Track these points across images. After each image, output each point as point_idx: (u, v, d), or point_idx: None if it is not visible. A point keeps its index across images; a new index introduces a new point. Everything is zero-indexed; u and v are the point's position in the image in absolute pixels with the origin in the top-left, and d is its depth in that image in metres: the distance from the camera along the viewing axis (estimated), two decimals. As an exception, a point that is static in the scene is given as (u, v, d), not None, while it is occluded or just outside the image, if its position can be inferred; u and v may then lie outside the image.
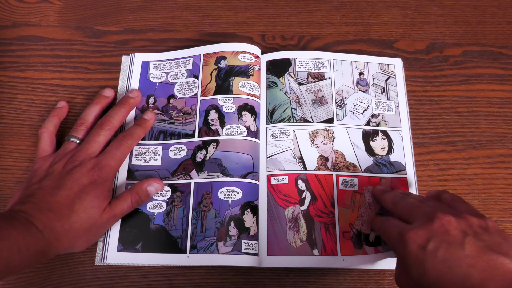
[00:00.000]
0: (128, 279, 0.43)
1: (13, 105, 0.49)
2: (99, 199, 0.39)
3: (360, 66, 0.51)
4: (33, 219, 0.36)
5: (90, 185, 0.39)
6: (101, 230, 0.41)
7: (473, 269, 0.31)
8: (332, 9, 0.55)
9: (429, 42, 0.54)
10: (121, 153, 0.42)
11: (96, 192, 0.39)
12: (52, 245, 0.36)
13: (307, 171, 0.45)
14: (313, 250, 0.43)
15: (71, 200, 0.38)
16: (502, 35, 0.55)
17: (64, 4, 0.54)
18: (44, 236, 0.35)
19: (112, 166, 0.41)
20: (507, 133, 0.50)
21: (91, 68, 0.51)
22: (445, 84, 0.52)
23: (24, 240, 0.34)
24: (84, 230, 0.38)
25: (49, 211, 0.37)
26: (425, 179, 0.48)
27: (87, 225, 0.38)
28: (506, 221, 0.47)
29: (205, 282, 0.43)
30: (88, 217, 0.38)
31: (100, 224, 0.39)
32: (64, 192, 0.38)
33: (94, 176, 0.39)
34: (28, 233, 0.35)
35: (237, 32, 0.54)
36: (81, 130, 0.44)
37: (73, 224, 0.37)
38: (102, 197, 0.39)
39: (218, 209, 0.43)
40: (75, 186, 0.38)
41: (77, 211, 0.38)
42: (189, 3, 0.55)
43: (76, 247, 0.39)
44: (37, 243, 0.35)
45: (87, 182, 0.39)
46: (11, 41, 0.51)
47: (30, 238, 0.35)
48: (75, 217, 0.37)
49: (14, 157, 0.47)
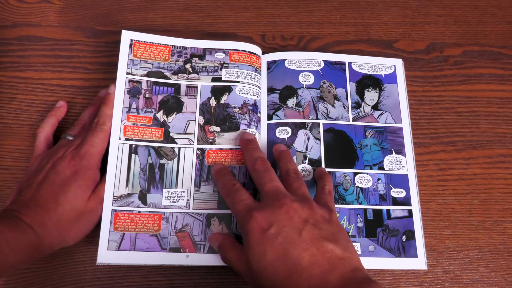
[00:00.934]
0: (128, 279, 0.43)
1: (13, 105, 0.49)
2: (82, 189, 0.39)
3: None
4: (21, 215, 0.36)
5: (73, 176, 0.39)
6: (91, 219, 0.41)
7: (305, 253, 0.34)
8: (332, 9, 0.55)
9: (429, 42, 0.54)
10: (98, 138, 0.42)
11: (79, 183, 0.39)
12: (44, 239, 0.37)
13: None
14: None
15: (55, 193, 0.38)
16: (502, 35, 0.55)
17: (64, 4, 0.54)
18: (34, 231, 0.36)
19: (92, 153, 0.41)
20: (507, 133, 0.50)
21: (91, 68, 0.51)
22: (445, 84, 0.52)
23: (13, 233, 0.35)
24: (72, 221, 0.39)
25: (36, 206, 0.37)
26: (425, 179, 0.48)
27: (74, 216, 0.39)
28: (506, 221, 0.47)
29: (205, 282, 0.43)
30: (73, 208, 0.39)
31: (88, 213, 0.40)
32: (48, 186, 0.38)
33: (75, 166, 0.40)
34: (17, 227, 0.35)
35: (237, 32, 0.54)
36: (75, 128, 0.45)
37: (60, 216, 0.38)
38: (85, 187, 0.40)
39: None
40: (58, 179, 0.39)
41: (62, 204, 0.38)
42: (189, 3, 0.55)
43: (69, 239, 0.39)
44: (28, 237, 0.36)
45: (69, 173, 0.39)
46: (11, 41, 0.51)
47: (20, 232, 0.35)
48: (61, 209, 0.38)
49: (14, 157, 0.47)
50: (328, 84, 0.49)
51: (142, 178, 0.44)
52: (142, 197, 0.43)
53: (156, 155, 0.45)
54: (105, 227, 0.42)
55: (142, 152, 0.45)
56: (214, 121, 0.46)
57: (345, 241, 0.36)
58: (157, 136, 0.45)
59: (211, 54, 0.48)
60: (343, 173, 0.46)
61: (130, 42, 0.48)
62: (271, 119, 0.48)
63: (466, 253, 0.45)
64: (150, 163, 0.44)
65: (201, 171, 0.44)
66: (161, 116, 0.46)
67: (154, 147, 0.45)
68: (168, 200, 0.43)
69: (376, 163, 0.47)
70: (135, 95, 0.46)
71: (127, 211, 0.43)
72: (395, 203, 0.46)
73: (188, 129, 0.46)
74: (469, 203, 0.47)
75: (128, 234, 0.42)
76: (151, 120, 0.46)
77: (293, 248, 0.34)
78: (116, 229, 0.42)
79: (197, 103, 0.47)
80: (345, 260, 0.34)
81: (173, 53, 0.48)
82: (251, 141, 0.44)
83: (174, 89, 0.47)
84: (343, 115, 0.48)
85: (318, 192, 0.42)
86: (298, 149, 0.46)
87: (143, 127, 0.45)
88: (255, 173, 0.40)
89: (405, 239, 0.44)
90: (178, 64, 0.48)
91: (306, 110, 0.48)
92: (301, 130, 0.47)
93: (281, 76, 0.49)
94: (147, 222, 0.43)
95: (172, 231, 0.43)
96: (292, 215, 0.36)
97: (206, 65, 0.48)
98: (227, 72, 0.47)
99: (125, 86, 0.46)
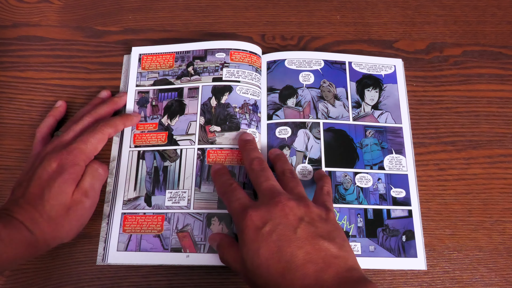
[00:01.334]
0: (128, 279, 0.43)
1: (13, 105, 0.49)
2: (67, 183, 0.39)
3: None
4: (13, 213, 0.36)
5: (58, 169, 0.39)
6: (81, 212, 0.40)
7: (299, 250, 0.33)
8: (332, 9, 0.55)
9: (429, 42, 0.54)
10: (94, 138, 0.41)
11: (64, 177, 0.39)
12: (38, 235, 0.37)
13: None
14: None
15: (42, 189, 0.38)
16: (502, 35, 0.55)
17: (64, 4, 0.54)
18: (27, 228, 0.36)
19: (82, 149, 0.40)
20: (507, 133, 0.50)
21: (91, 68, 0.51)
22: (445, 84, 0.52)
23: (5, 229, 0.35)
24: (62, 217, 0.38)
25: (26, 204, 0.37)
26: (425, 179, 0.48)
27: (63, 212, 0.38)
28: (506, 221, 0.47)
29: (205, 282, 0.43)
30: (59, 203, 0.38)
31: (75, 206, 0.39)
32: (35, 182, 0.38)
33: (62, 159, 0.39)
34: (9, 224, 0.35)
35: (237, 32, 0.54)
36: (68, 124, 0.45)
37: (49, 213, 0.37)
38: (70, 181, 0.39)
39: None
40: (45, 174, 0.39)
41: (48, 200, 0.38)
42: (189, 3, 0.55)
43: (63, 235, 0.39)
44: (21, 233, 0.36)
45: (55, 166, 0.39)
46: (11, 41, 0.51)
47: (12, 228, 0.35)
48: (48, 205, 0.38)
49: (14, 157, 0.47)
50: (328, 84, 0.49)
51: (148, 181, 0.45)
52: (147, 199, 0.44)
53: (160, 158, 0.45)
54: (115, 229, 0.43)
55: (149, 156, 0.46)
56: (214, 121, 0.46)
57: (341, 240, 0.35)
58: (162, 140, 0.46)
59: (212, 54, 0.48)
60: (343, 173, 0.46)
61: (139, 57, 0.49)
62: (271, 119, 0.48)
63: (466, 253, 0.45)
64: (155, 167, 0.45)
65: (202, 171, 0.44)
66: (165, 120, 0.47)
67: (159, 150, 0.46)
68: (171, 201, 0.44)
69: (376, 162, 0.47)
70: (143, 105, 0.48)
71: (134, 214, 0.44)
72: (395, 203, 0.46)
73: (189, 130, 0.46)
74: (469, 203, 0.47)
75: (135, 235, 0.43)
76: (157, 126, 0.47)
77: (287, 245, 0.34)
78: (124, 231, 0.43)
79: (198, 104, 0.47)
80: (340, 259, 0.33)
81: (177, 59, 0.49)
82: (249, 142, 0.44)
83: (178, 93, 0.48)
84: (343, 115, 0.48)
85: (317, 192, 0.42)
86: (298, 148, 0.46)
87: (150, 133, 0.46)
88: (252, 172, 0.40)
89: (405, 239, 0.44)
90: (181, 69, 0.49)
91: (306, 110, 0.48)
92: (301, 129, 0.47)
93: (281, 76, 0.49)
94: (151, 223, 0.43)
95: (174, 232, 0.43)
96: (287, 213, 0.35)
97: (207, 66, 0.48)
98: (228, 71, 0.47)
99: (135, 98, 0.48)
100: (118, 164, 0.46)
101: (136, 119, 0.46)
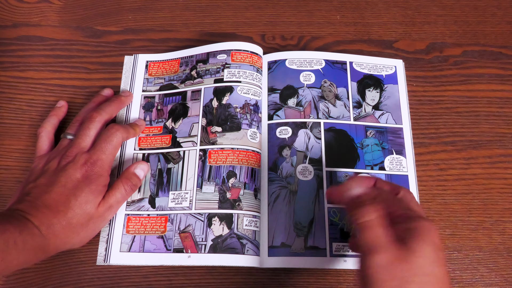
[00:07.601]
0: (128, 279, 0.43)
1: (13, 105, 0.49)
2: (93, 194, 0.39)
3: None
4: (29, 216, 0.36)
5: (84, 180, 0.39)
6: (99, 224, 0.41)
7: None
8: (332, 9, 0.55)
9: (429, 42, 0.54)
10: (111, 146, 0.42)
11: (90, 188, 0.39)
12: (50, 241, 0.36)
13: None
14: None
15: (66, 197, 0.38)
16: (502, 35, 0.55)
17: (64, 4, 0.54)
18: (41, 233, 0.36)
19: (104, 160, 0.41)
20: (507, 133, 0.50)
21: (91, 68, 0.51)
22: (445, 84, 0.52)
23: (21, 235, 0.34)
24: (81, 226, 0.38)
25: (45, 208, 0.37)
26: (425, 179, 0.48)
27: (84, 221, 0.39)
28: (506, 221, 0.47)
29: (205, 282, 0.43)
30: (84, 212, 0.38)
31: (97, 218, 0.40)
32: (58, 189, 0.38)
33: (87, 171, 0.40)
34: (25, 228, 0.35)
35: (237, 32, 0.54)
36: (75, 126, 0.44)
37: (70, 220, 0.38)
38: (96, 192, 0.39)
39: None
40: (69, 183, 0.39)
41: (73, 207, 0.38)
42: (189, 3, 0.55)
43: (75, 242, 0.39)
44: (35, 238, 0.35)
45: (81, 178, 0.39)
46: (11, 41, 0.51)
47: (27, 233, 0.35)
48: (71, 213, 0.38)
49: (14, 157, 0.47)
50: (329, 84, 0.50)
51: (152, 183, 0.45)
52: (152, 201, 0.44)
53: (164, 161, 0.46)
54: (118, 230, 0.43)
55: (153, 159, 0.46)
56: (216, 121, 0.46)
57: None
58: (166, 143, 0.46)
59: (214, 56, 0.49)
60: (344, 173, 0.46)
61: (146, 64, 0.50)
62: (272, 119, 0.48)
63: (466, 253, 0.45)
64: (160, 169, 0.45)
65: (203, 172, 0.44)
66: (170, 123, 0.47)
67: (163, 153, 0.46)
68: (173, 202, 0.44)
69: (377, 163, 0.47)
70: (149, 109, 0.48)
71: (138, 215, 0.44)
72: (396, 203, 0.46)
73: (192, 132, 0.46)
74: (469, 203, 0.47)
75: (138, 237, 0.43)
76: (162, 129, 0.47)
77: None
78: (128, 232, 0.43)
79: (200, 106, 0.47)
80: None
81: (181, 64, 0.50)
82: (359, 197, 0.37)
83: (181, 96, 0.48)
84: (344, 115, 0.48)
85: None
86: (299, 148, 0.46)
87: (155, 137, 0.47)
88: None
89: (406, 239, 0.44)
90: (185, 73, 0.49)
91: (307, 110, 0.48)
92: (301, 129, 0.47)
93: (282, 76, 0.49)
94: (155, 224, 0.43)
95: (176, 232, 0.43)
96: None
97: (209, 68, 0.48)
98: (229, 72, 0.47)
99: (141, 102, 0.49)
100: (121, 166, 0.46)
101: (142, 127, 0.47)
